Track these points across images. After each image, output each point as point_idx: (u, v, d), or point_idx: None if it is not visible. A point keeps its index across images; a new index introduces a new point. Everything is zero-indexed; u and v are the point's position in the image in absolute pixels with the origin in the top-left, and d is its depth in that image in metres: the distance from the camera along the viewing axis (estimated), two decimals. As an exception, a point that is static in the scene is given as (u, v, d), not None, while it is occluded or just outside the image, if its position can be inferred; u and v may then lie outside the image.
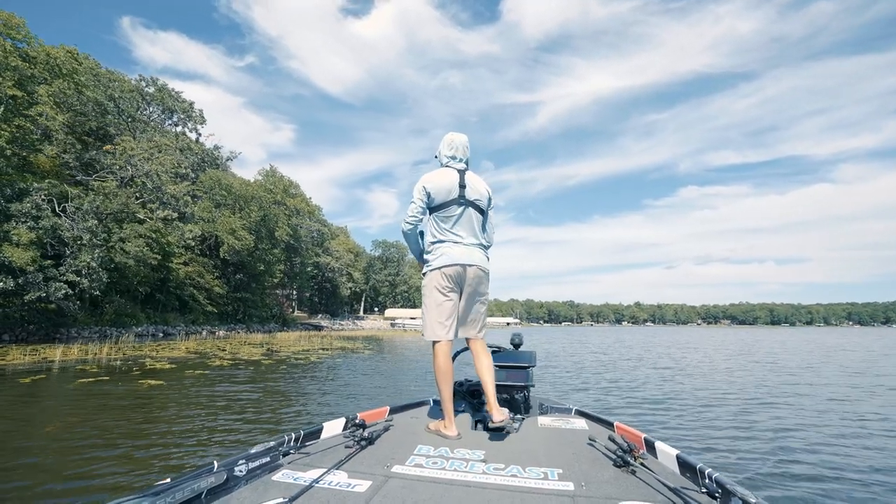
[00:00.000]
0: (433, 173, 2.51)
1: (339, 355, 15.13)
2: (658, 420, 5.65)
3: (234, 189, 35.94)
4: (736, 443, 4.59)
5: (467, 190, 2.47)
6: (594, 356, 16.74)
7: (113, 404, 6.04)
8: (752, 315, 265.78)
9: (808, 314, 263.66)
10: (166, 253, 29.04)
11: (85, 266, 19.85)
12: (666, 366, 13.12)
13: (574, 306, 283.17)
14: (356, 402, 6.62)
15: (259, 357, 13.63)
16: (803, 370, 12.00)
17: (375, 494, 1.46)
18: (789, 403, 6.93)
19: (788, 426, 5.35)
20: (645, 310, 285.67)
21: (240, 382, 8.39)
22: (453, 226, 2.45)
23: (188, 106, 40.36)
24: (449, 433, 2.19)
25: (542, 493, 1.50)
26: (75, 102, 25.78)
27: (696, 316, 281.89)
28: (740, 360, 15.17)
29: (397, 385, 8.56)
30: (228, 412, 5.64)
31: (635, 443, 1.89)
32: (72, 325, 23.55)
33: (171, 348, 16.46)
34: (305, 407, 6.21)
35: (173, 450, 3.96)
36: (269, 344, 20.68)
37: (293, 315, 55.19)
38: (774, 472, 3.70)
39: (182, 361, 11.94)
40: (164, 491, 1.23)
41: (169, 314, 32.55)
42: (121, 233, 23.34)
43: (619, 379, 9.91)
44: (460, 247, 2.43)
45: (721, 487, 1.42)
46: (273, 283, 49.17)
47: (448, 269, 2.38)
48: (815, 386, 9.03)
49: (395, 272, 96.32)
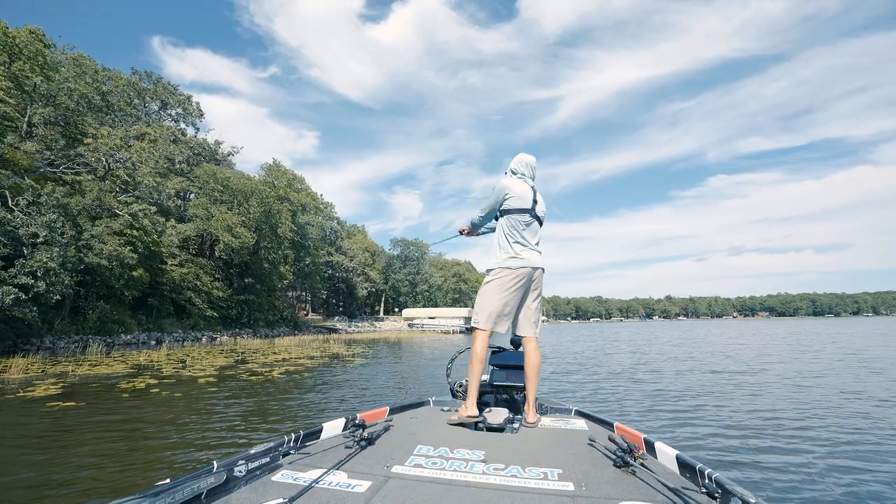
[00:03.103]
0: (513, 180, 2.71)
1: (319, 367, 11.93)
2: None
3: (232, 184, 33.31)
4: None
5: (538, 205, 2.71)
6: (632, 357, 13.01)
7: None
8: (792, 306, 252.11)
9: (854, 303, 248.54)
10: (152, 253, 26.54)
11: (41, 267, 17.26)
12: (762, 377, 9.36)
13: (602, 302, 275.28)
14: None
15: (208, 373, 10.49)
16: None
17: (375, 495, 1.44)
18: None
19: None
20: (676, 303, 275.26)
21: (78, 428, 5.16)
22: (523, 231, 2.63)
23: (185, 99, 38.16)
24: (471, 412, 2.34)
25: (542, 493, 1.48)
26: (54, 91, 23.56)
27: (731, 308, 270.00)
28: (856, 365, 11.22)
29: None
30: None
31: (635, 443, 1.87)
32: (46, 334, 21.27)
33: (119, 361, 13.51)
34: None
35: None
36: (254, 352, 17.69)
37: (306, 318, 52.54)
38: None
39: (86, 383, 8.88)
40: (164, 491, 1.21)
41: (164, 320, 30.12)
42: (92, 230, 20.78)
43: (704, 405, 6.29)
44: (529, 250, 2.62)
45: (721, 487, 1.40)
46: (283, 285, 46.68)
47: (521, 270, 2.56)
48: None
49: (416, 271, 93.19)
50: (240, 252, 32.80)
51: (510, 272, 2.53)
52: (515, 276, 2.53)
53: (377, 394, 7.73)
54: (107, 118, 30.05)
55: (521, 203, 2.61)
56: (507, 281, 2.52)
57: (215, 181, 32.60)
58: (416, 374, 10.65)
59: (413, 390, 7.95)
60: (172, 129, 32.81)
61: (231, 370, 10.99)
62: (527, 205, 2.62)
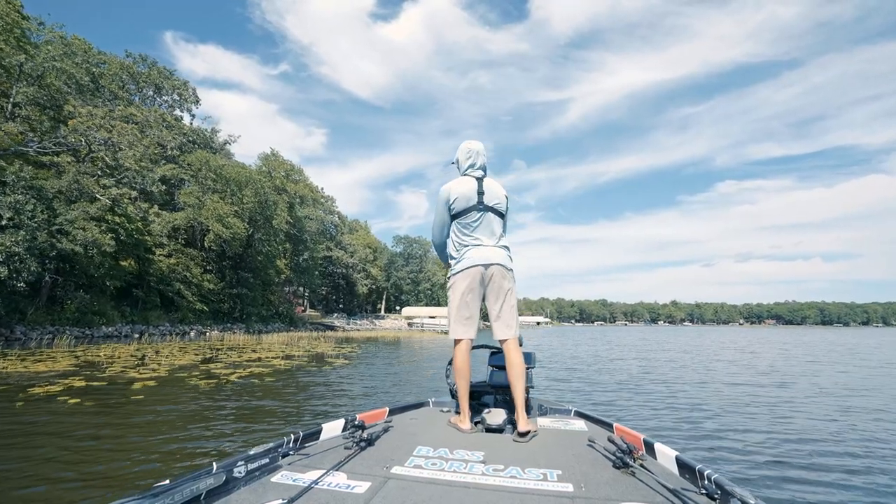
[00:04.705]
0: (452, 183, 2.53)
1: (292, 369, 10.46)
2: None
3: (226, 172, 31.94)
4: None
5: (486, 196, 2.45)
6: (639, 364, 11.45)
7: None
8: (800, 314, 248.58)
9: (863, 313, 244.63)
10: (136, 241, 25.21)
11: (4, 251, 15.94)
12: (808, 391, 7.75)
13: (607, 305, 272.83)
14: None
15: (158, 374, 9.02)
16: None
17: (375, 496, 1.39)
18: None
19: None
20: (682, 308, 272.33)
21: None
22: (474, 230, 2.44)
23: (181, 84, 36.86)
24: (463, 426, 2.21)
25: (542, 494, 1.44)
26: (38, 70, 22.32)
27: (737, 315, 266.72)
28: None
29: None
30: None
31: (634, 444, 1.81)
32: (17, 324, 20.02)
33: (71, 356, 12.06)
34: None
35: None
36: (232, 349, 16.27)
37: (303, 314, 51.17)
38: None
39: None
40: (163, 493, 1.18)
41: (150, 312, 28.81)
42: (66, 214, 19.46)
43: (751, 428, 4.74)
44: (481, 248, 2.41)
45: (720, 488, 1.36)
46: (280, 280, 45.35)
47: (470, 271, 2.38)
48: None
49: (418, 268, 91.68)
50: (232, 243, 31.43)
51: (460, 275, 2.40)
52: (464, 278, 2.38)
53: (336, 416, 6.26)
54: (97, 101, 28.82)
55: (463, 202, 2.43)
56: (459, 285, 2.39)
57: (208, 169, 31.26)
58: (399, 385, 9.17)
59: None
60: (163, 114, 31.43)
61: (186, 371, 9.55)
62: (471, 202, 2.42)
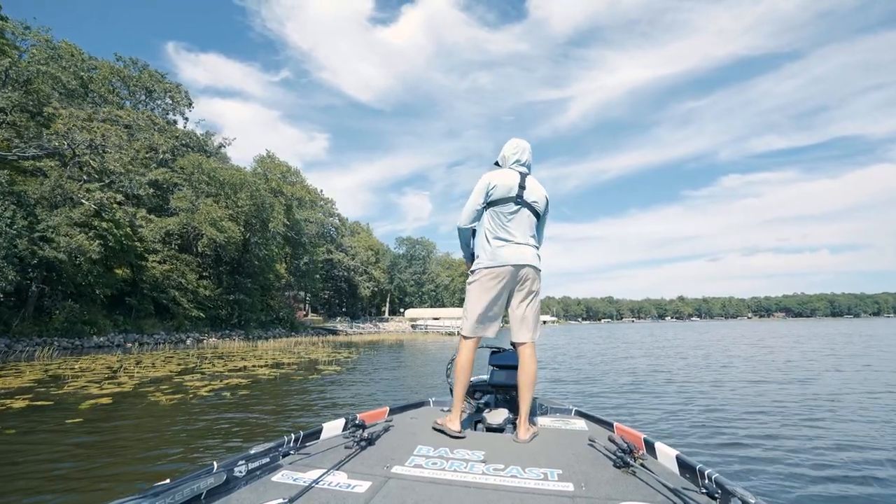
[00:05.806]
0: (496, 171, 2.44)
1: (275, 380, 9.49)
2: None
3: (220, 175, 31.10)
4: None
5: (526, 191, 2.36)
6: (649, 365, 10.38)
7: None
8: (809, 307, 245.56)
9: (874, 304, 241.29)
10: (126, 247, 24.37)
11: (-24, 260, 15.13)
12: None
13: (613, 302, 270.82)
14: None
15: (122, 389, 8.06)
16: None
17: (375, 495, 1.40)
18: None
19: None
20: (689, 304, 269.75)
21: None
22: (508, 222, 2.32)
23: (173, 87, 36.13)
24: (452, 427, 2.11)
25: (542, 493, 1.46)
26: (23, 75, 21.55)
27: (746, 309, 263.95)
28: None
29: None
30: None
31: (635, 443, 1.82)
32: (1, 336, 19.25)
33: (39, 370, 11.09)
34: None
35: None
36: (221, 356, 15.35)
37: (305, 319, 50.28)
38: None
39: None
40: (164, 492, 1.18)
41: (144, 321, 28.01)
42: (49, 220, 18.64)
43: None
44: (512, 246, 2.29)
45: (721, 488, 1.37)
46: (280, 284, 44.50)
47: (502, 269, 2.25)
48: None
49: (422, 270, 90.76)
50: (227, 248, 30.59)
51: (488, 272, 2.25)
52: (494, 275, 2.24)
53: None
54: (84, 105, 28.08)
55: (503, 191, 2.31)
56: (486, 282, 2.25)
57: (201, 172, 30.44)
58: (391, 394, 8.20)
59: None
60: (152, 116, 30.66)
61: (155, 385, 8.60)
62: (511, 193, 2.31)
